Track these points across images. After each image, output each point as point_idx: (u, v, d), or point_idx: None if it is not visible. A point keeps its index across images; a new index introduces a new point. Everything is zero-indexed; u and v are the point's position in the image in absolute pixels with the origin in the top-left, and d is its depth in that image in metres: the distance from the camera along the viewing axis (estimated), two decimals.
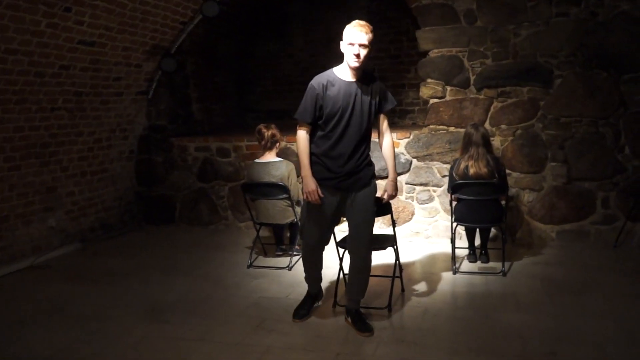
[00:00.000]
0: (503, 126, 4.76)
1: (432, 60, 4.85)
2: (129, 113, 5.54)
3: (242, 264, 4.38)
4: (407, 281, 3.82)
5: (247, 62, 7.43)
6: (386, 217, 4.64)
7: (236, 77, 7.31)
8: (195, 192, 5.68)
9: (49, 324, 3.32)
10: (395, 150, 4.92)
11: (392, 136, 3.20)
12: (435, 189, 4.93)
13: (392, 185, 3.09)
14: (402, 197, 5.02)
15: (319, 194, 2.94)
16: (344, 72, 2.94)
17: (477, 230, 4.28)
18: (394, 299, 3.47)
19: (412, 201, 5.00)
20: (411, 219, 5.01)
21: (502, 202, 4.13)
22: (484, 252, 4.27)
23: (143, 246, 5.11)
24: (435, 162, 4.91)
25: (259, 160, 4.33)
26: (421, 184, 4.96)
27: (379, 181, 5.05)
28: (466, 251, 4.36)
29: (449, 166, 4.43)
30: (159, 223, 5.81)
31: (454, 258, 4.15)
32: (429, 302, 3.50)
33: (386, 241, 3.54)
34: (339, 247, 3.45)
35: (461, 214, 4.08)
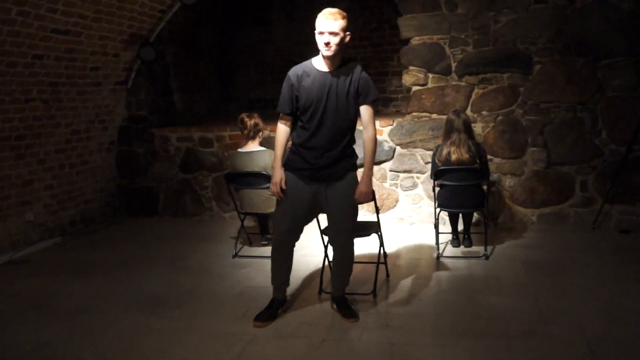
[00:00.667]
0: (484, 112, 4.81)
1: (414, 48, 4.86)
2: (107, 104, 5.44)
3: (227, 254, 4.37)
4: (392, 267, 3.85)
5: (229, 51, 7.35)
6: (370, 204, 4.67)
7: (218, 66, 7.23)
8: (179, 183, 5.62)
9: (30, 319, 3.26)
10: (379, 137, 4.98)
11: (376, 128, 3.03)
12: (419, 175, 4.97)
13: (364, 183, 2.94)
14: (387, 185, 5.04)
15: (282, 186, 2.92)
16: (320, 63, 2.89)
17: (460, 215, 4.33)
18: (379, 284, 3.50)
19: (397, 188, 5.03)
20: (395, 205, 5.05)
21: (484, 187, 4.19)
22: (467, 236, 4.33)
23: (126, 239, 5.04)
24: (418, 149, 4.94)
25: (242, 150, 4.30)
26: (405, 171, 4.99)
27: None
28: (449, 236, 4.41)
29: (432, 153, 4.46)
30: (142, 215, 5.74)
31: (437, 243, 4.20)
32: (414, 286, 3.54)
33: (370, 228, 3.56)
34: (323, 234, 3.46)
35: (444, 200, 4.12)
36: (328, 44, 2.77)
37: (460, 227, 4.39)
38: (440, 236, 4.28)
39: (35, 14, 3.96)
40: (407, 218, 5.04)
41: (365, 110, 2.93)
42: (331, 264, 3.29)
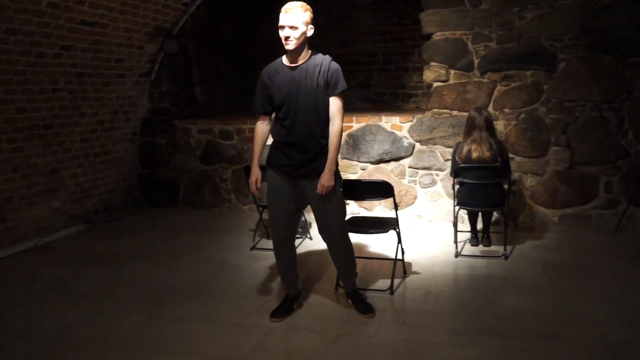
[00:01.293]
0: (506, 110, 4.74)
1: (436, 44, 4.81)
2: (131, 95, 5.52)
3: (245, 246, 4.41)
4: (409, 264, 3.85)
5: (249, 44, 7.37)
6: (389, 201, 4.65)
7: (238, 59, 7.25)
8: (199, 175, 5.68)
9: (53, 303, 3.36)
10: (398, 133, 4.96)
11: (342, 120, 2.92)
12: (438, 172, 4.93)
13: (325, 176, 2.82)
14: (405, 181, 5.02)
15: (258, 185, 2.94)
16: (288, 59, 2.90)
17: (480, 214, 4.29)
18: (396, 281, 3.50)
19: (415, 185, 5.01)
20: (414, 202, 5.02)
21: (505, 186, 4.14)
22: (486, 235, 4.29)
23: (146, 228, 5.14)
24: (438, 146, 4.90)
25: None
26: (424, 168, 4.96)
27: (383, 165, 5.06)
28: (468, 235, 4.38)
29: (452, 150, 4.43)
30: (162, 206, 5.83)
31: (456, 241, 4.17)
32: (431, 284, 3.53)
33: (388, 224, 3.55)
34: None
35: (463, 198, 4.08)
36: (288, 37, 2.79)
37: (479, 225, 4.35)
38: (459, 234, 4.25)
39: (65, 5, 4.04)
40: (425, 215, 5.02)
41: (333, 102, 2.86)
42: (333, 260, 3.20)
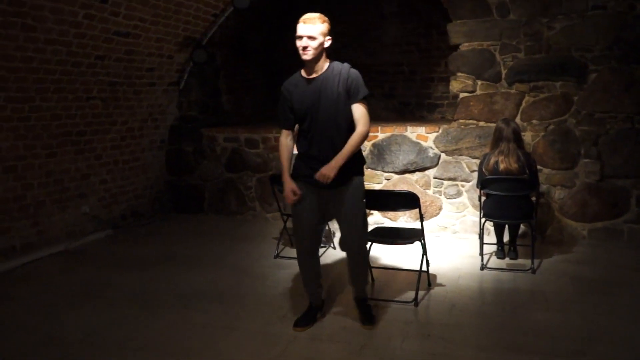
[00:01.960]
0: (535, 121, 4.68)
1: (463, 54, 4.79)
2: (160, 103, 5.65)
3: (269, 254, 4.44)
4: (434, 276, 3.81)
5: (275, 54, 7.46)
6: (414, 211, 4.63)
7: (265, 69, 7.35)
8: (224, 182, 5.76)
9: (82, 307, 3.44)
10: (424, 144, 4.94)
11: (368, 126, 2.89)
12: (463, 183, 4.89)
13: (330, 165, 2.78)
14: (430, 192, 4.99)
15: (296, 192, 2.91)
16: (307, 71, 2.92)
17: (506, 226, 4.23)
18: (421, 293, 3.47)
19: (440, 195, 4.97)
20: (439, 213, 4.98)
21: (533, 198, 4.07)
22: (512, 248, 4.22)
23: (172, 234, 5.22)
24: (464, 157, 4.86)
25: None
26: (449, 179, 4.92)
27: (408, 175, 5.04)
28: (494, 247, 4.32)
29: (478, 161, 4.38)
30: (188, 212, 5.93)
31: (482, 254, 4.11)
32: (456, 297, 3.49)
33: (414, 235, 3.53)
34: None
35: (490, 210, 4.03)
36: (306, 47, 2.81)
37: (506, 238, 4.28)
38: (485, 247, 4.19)
39: (100, 17, 4.18)
40: (450, 227, 4.97)
41: (356, 108, 2.86)
42: (348, 268, 3.21)
